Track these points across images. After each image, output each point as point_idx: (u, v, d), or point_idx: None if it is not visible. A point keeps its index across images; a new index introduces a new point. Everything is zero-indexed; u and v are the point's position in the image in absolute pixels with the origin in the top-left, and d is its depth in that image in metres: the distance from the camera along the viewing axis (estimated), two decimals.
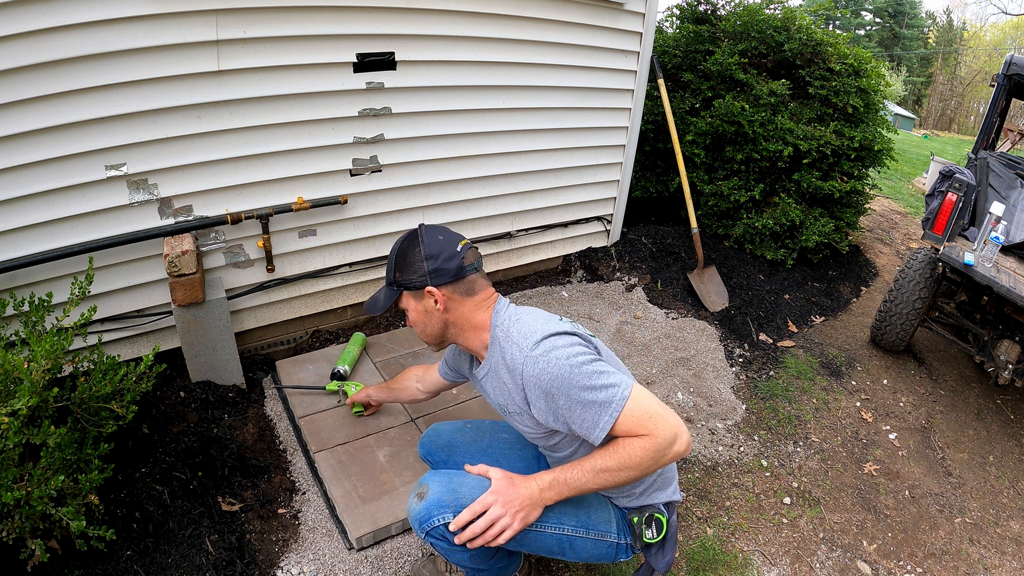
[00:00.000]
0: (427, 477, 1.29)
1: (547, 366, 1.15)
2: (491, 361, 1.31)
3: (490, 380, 1.34)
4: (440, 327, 1.33)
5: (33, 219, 1.92)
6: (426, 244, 1.28)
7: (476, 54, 2.64)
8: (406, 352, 2.65)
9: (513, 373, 1.22)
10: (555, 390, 1.15)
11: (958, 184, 2.79)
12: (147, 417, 1.97)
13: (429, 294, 1.28)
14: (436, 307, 1.29)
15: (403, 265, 1.30)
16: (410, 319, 1.35)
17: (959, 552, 2.20)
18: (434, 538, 1.25)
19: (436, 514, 1.22)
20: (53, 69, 1.79)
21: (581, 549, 1.34)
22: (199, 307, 2.12)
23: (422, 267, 1.27)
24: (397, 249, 1.32)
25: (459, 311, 1.31)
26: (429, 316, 1.32)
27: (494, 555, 1.37)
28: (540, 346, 1.18)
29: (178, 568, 1.57)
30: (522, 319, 1.26)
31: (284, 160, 2.33)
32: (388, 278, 1.35)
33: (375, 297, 1.40)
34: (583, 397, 1.14)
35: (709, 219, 4.01)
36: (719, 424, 2.60)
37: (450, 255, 1.28)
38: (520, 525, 1.18)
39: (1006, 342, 2.83)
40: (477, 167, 2.89)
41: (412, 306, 1.33)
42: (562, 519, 1.31)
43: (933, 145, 14.60)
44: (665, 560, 1.40)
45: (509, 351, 1.23)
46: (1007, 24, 36.53)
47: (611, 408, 1.13)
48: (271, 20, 2.09)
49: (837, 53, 3.78)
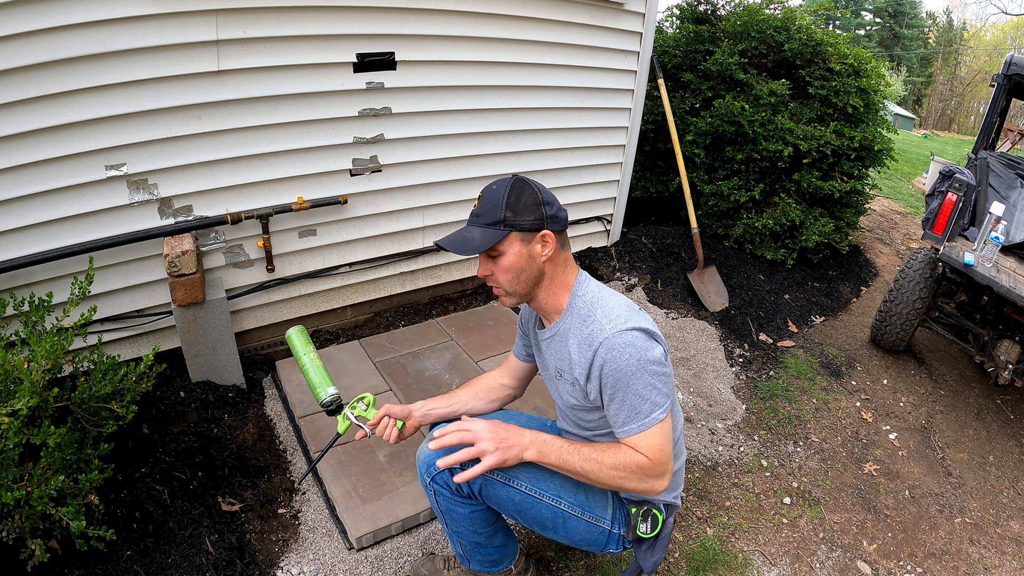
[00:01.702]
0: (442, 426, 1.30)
1: (620, 356, 1.19)
2: (560, 327, 1.33)
3: (553, 344, 1.36)
4: (536, 276, 1.29)
5: (33, 219, 1.92)
6: (540, 190, 1.26)
7: (476, 54, 2.64)
8: (406, 352, 2.65)
9: (585, 348, 1.25)
10: (616, 380, 1.20)
11: (958, 184, 2.79)
12: (147, 417, 1.97)
13: (543, 239, 1.26)
14: (544, 253, 1.27)
15: (516, 206, 1.24)
16: (503, 264, 1.26)
17: (959, 552, 2.20)
18: (438, 484, 1.30)
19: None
20: (53, 69, 1.79)
21: (573, 529, 1.37)
22: (199, 307, 2.12)
23: (540, 211, 1.25)
24: (507, 190, 1.25)
25: (556, 262, 1.30)
26: (531, 263, 1.27)
27: (493, 523, 1.39)
28: (624, 336, 1.20)
29: (178, 568, 1.57)
30: (608, 300, 1.28)
31: (284, 160, 2.33)
32: (490, 218, 1.24)
33: (464, 236, 1.27)
34: (630, 399, 1.20)
35: (709, 219, 4.01)
36: (719, 424, 2.60)
37: (561, 206, 1.29)
38: (496, 460, 1.18)
39: (1006, 342, 2.83)
40: (477, 167, 2.89)
41: (516, 250, 1.25)
42: (561, 493, 1.33)
43: (933, 145, 14.60)
44: (653, 559, 1.43)
45: (590, 326, 1.25)
46: (1007, 24, 36.54)
47: (643, 421, 1.20)
48: (271, 20, 2.09)
49: (837, 53, 3.78)
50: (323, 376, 1.47)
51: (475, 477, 1.20)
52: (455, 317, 3.01)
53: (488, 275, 1.30)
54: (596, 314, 1.25)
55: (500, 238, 1.24)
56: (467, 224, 1.29)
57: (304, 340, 1.53)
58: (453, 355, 2.66)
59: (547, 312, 1.37)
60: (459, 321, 2.96)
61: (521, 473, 1.30)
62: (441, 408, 1.54)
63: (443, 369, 2.56)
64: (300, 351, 1.50)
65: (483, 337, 2.81)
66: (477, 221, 1.26)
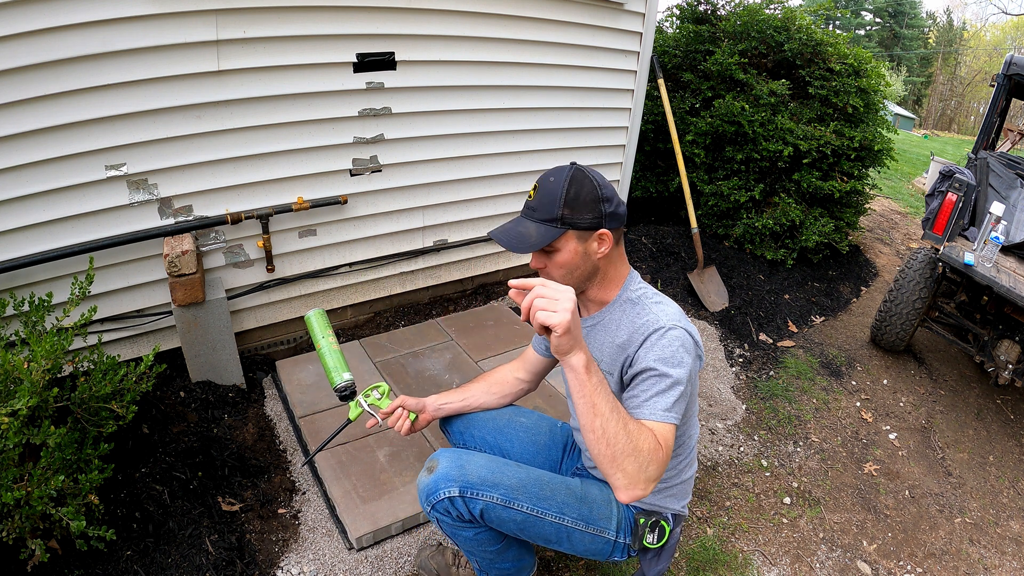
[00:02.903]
0: (439, 453, 1.31)
1: (672, 344, 1.18)
2: (605, 317, 1.31)
3: (594, 332, 1.33)
4: (589, 272, 1.27)
5: (33, 219, 1.92)
6: (600, 185, 1.21)
7: (476, 54, 2.64)
8: (406, 352, 2.65)
9: (638, 332, 1.22)
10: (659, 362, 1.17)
11: (958, 184, 2.79)
12: (147, 417, 1.97)
13: (600, 237, 1.23)
14: (600, 251, 1.24)
15: (574, 203, 1.19)
16: (558, 261, 1.23)
17: (959, 552, 2.20)
18: (439, 512, 1.27)
19: (442, 487, 1.24)
20: (53, 69, 1.79)
21: (578, 542, 1.36)
22: (199, 307, 2.12)
23: (599, 208, 1.20)
24: (565, 184, 1.19)
25: (611, 259, 1.28)
26: (586, 260, 1.25)
27: (502, 540, 1.36)
28: (680, 331, 1.19)
29: (178, 568, 1.57)
30: (663, 299, 1.28)
31: (284, 160, 2.33)
32: (547, 214, 1.20)
33: (520, 232, 1.22)
34: (661, 384, 1.16)
35: (709, 219, 4.01)
36: (719, 424, 2.60)
37: (619, 200, 1.24)
38: (559, 319, 1.01)
39: (1006, 342, 2.83)
40: (477, 167, 2.89)
41: (571, 248, 1.22)
42: (564, 509, 1.32)
43: (933, 145, 14.60)
44: (658, 569, 1.43)
45: (646, 316, 1.23)
46: (1007, 24, 36.54)
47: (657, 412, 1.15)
48: (271, 20, 2.09)
49: (837, 53, 3.78)
50: (339, 361, 1.45)
51: (534, 310, 1.04)
52: (455, 317, 3.01)
53: (541, 268, 1.27)
54: (652, 308, 1.24)
55: (557, 236, 1.20)
56: (521, 215, 1.25)
57: (323, 323, 1.51)
58: (453, 355, 2.66)
59: (588, 304, 1.35)
60: (459, 321, 2.96)
61: (521, 495, 1.28)
62: (455, 402, 1.55)
63: (443, 369, 2.56)
64: (318, 334, 1.49)
65: (483, 337, 2.81)
66: (533, 215, 1.22)
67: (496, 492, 1.25)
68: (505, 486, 1.27)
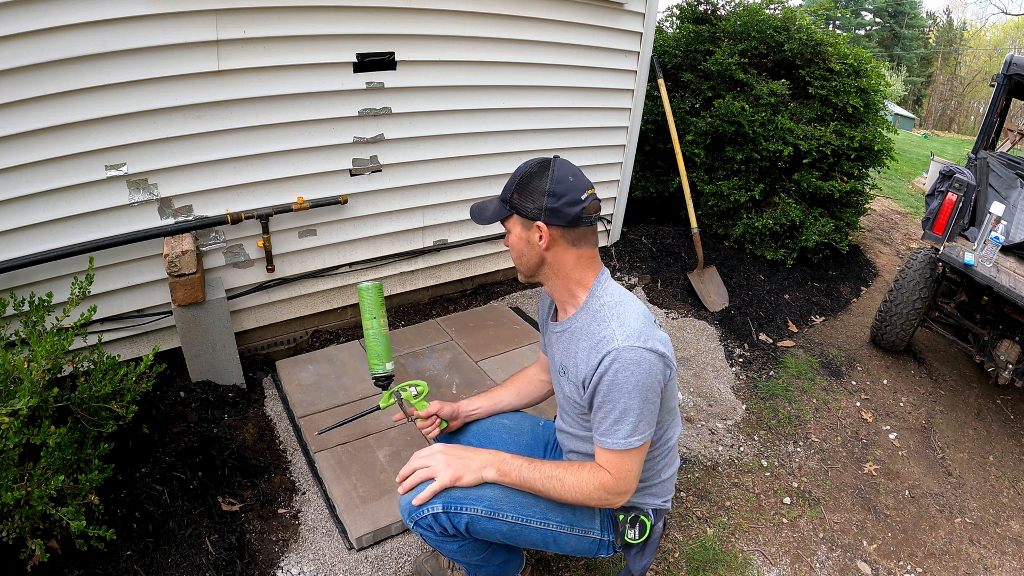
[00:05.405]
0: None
1: (623, 371, 1.17)
2: (573, 324, 1.31)
3: (563, 339, 1.34)
4: (536, 262, 1.30)
5: (33, 219, 1.92)
6: (555, 180, 1.24)
7: (476, 54, 2.64)
8: (406, 352, 2.65)
9: (593, 353, 1.22)
10: (609, 391, 1.20)
11: (958, 184, 2.79)
12: (147, 417, 1.97)
13: (537, 228, 1.25)
14: (539, 243, 1.27)
15: (524, 189, 1.25)
16: (509, 241, 1.32)
17: (959, 552, 2.20)
18: (422, 528, 1.29)
19: (424, 504, 1.26)
20: (53, 69, 1.79)
21: (565, 543, 1.39)
22: (199, 307, 2.12)
23: (541, 201, 1.23)
24: (524, 171, 1.27)
25: (560, 257, 1.29)
26: (529, 248, 1.28)
27: (487, 548, 1.38)
28: (633, 352, 1.17)
29: (178, 568, 1.58)
30: (626, 307, 1.25)
31: (284, 160, 2.33)
32: (504, 194, 1.30)
33: (484, 206, 1.35)
34: (614, 414, 1.20)
35: (709, 219, 4.01)
36: (719, 424, 2.60)
37: (573, 200, 1.24)
38: (448, 479, 1.25)
39: (1006, 342, 2.83)
40: (477, 167, 2.89)
41: (517, 232, 1.29)
42: (548, 515, 1.34)
43: (933, 145, 14.60)
44: (642, 564, 1.44)
45: (602, 331, 1.22)
46: (1007, 24, 36.55)
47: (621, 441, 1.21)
48: (271, 20, 2.09)
49: (837, 53, 3.78)
50: (386, 348, 1.40)
51: (433, 496, 1.25)
52: (455, 317, 3.01)
53: (506, 244, 1.34)
54: (611, 320, 1.22)
55: (504, 216, 1.29)
56: None
57: (378, 301, 1.40)
58: (453, 355, 2.66)
59: (563, 304, 1.36)
60: (459, 321, 2.96)
61: (505, 505, 1.29)
62: (485, 408, 1.60)
63: (443, 369, 2.56)
64: (370, 312, 1.39)
65: (483, 337, 2.81)
66: (499, 194, 1.32)
67: (480, 505, 1.27)
68: (489, 497, 1.28)
